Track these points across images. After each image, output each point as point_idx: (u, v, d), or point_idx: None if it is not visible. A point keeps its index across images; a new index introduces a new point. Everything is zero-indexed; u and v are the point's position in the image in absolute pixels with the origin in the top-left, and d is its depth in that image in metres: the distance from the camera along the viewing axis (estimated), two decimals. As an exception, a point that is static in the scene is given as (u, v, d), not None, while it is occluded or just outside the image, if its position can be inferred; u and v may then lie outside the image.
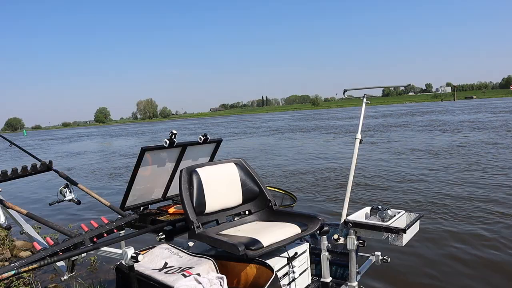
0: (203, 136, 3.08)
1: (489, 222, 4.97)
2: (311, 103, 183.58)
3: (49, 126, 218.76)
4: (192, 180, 2.46)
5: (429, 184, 7.34)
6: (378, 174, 8.64)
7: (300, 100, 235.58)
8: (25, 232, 2.81)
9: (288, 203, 3.63)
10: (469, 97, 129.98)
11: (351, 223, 2.44)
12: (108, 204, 2.55)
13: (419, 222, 2.55)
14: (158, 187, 3.15)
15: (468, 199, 6.12)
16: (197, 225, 2.34)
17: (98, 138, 39.83)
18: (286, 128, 31.15)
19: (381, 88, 5.88)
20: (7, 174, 2.70)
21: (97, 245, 2.14)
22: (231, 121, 65.30)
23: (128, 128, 74.24)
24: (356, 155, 2.74)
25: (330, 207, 6.31)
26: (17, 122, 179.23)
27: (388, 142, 14.93)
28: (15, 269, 1.68)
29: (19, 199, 9.04)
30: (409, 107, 64.27)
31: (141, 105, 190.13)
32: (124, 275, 2.13)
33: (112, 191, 9.46)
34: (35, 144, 36.74)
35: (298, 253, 2.38)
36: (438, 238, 4.59)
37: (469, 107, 44.92)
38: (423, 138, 15.44)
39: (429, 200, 6.26)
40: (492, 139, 13.36)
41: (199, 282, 1.84)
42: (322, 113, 66.74)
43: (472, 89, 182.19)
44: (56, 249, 2.00)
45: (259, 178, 2.79)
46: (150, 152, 2.78)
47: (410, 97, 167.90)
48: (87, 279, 3.99)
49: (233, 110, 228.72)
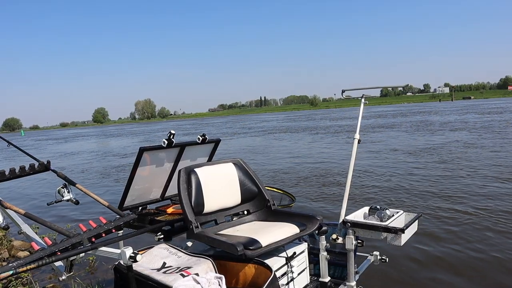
0: (201, 136, 3.08)
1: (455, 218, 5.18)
2: (309, 103, 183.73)
3: (47, 126, 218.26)
4: (191, 180, 2.46)
5: (399, 181, 7.78)
6: (355, 174, 8.91)
7: (299, 100, 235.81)
8: (23, 232, 2.80)
9: (287, 203, 3.64)
10: (467, 98, 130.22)
11: (350, 223, 2.45)
12: (106, 204, 2.54)
13: (417, 222, 2.55)
14: (157, 187, 3.14)
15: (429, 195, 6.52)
16: (196, 225, 2.34)
17: (93, 139, 39.76)
18: (277, 128, 31.26)
19: (379, 89, 5.88)
20: (5, 174, 2.69)
21: (95, 245, 2.14)
22: (226, 121, 65.43)
23: (124, 128, 74.21)
24: (355, 155, 2.75)
25: (312, 206, 6.46)
26: (15, 122, 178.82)
27: (372, 143, 15.05)
28: (13, 269, 1.67)
29: (17, 199, 9.01)
30: (404, 108, 64.60)
31: (139, 105, 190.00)
32: (123, 275, 2.12)
33: (104, 188, 9.47)
34: (30, 144, 36.65)
35: (297, 253, 2.38)
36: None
37: (461, 108, 45.21)
38: (405, 139, 15.72)
39: (398, 196, 6.60)
40: (469, 140, 13.68)
41: (198, 282, 1.84)
42: (317, 114, 66.97)
43: (470, 90, 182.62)
44: (54, 249, 1.99)
45: (258, 178, 2.79)
46: (148, 152, 2.78)
47: (408, 98, 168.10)
48: (85, 279, 3.99)
49: (232, 110, 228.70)
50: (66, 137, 47.81)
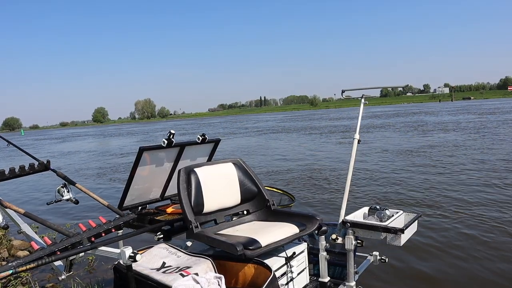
0: (201, 136, 3.08)
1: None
2: (309, 103, 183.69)
3: (47, 126, 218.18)
4: (190, 180, 2.46)
5: (383, 180, 7.97)
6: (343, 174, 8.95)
7: (299, 100, 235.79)
8: (23, 231, 2.81)
9: (287, 203, 3.64)
10: (466, 98, 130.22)
11: (349, 223, 2.45)
12: (106, 203, 2.55)
13: (417, 222, 2.55)
14: (156, 187, 3.14)
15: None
16: (195, 225, 2.34)
17: (91, 138, 39.69)
18: (274, 128, 31.25)
19: (379, 89, 5.87)
20: (4, 174, 2.70)
21: (95, 245, 2.14)
22: (224, 121, 65.49)
23: (122, 128, 74.33)
24: (355, 155, 2.74)
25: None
26: (15, 122, 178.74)
27: (364, 143, 15.03)
28: (13, 268, 1.67)
29: (17, 199, 9.01)
30: (401, 108, 64.75)
31: (139, 105, 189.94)
32: (122, 274, 2.12)
33: (103, 188, 9.47)
34: (28, 143, 36.62)
35: (296, 253, 2.38)
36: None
37: (458, 108, 45.25)
38: (396, 139, 15.79)
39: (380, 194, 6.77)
40: (458, 140, 13.76)
41: (197, 282, 1.84)
42: (315, 114, 67.07)
43: (470, 90, 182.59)
44: (54, 249, 2.00)
45: (257, 178, 2.79)
46: (148, 151, 2.77)
47: (408, 98, 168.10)
48: (85, 278, 3.98)
49: (231, 110, 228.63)
50: (64, 137, 47.78)
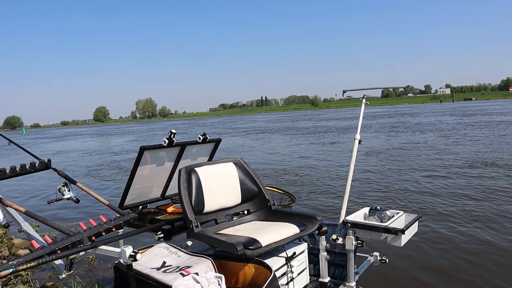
0: (202, 135, 3.08)
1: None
2: (310, 103, 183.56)
3: (48, 125, 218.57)
4: (191, 180, 2.46)
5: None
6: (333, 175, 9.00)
7: (300, 100, 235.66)
8: (23, 230, 2.81)
9: (287, 203, 3.64)
10: (468, 99, 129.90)
11: (350, 223, 2.44)
12: (106, 203, 2.55)
13: (417, 223, 2.55)
14: (157, 186, 3.15)
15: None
16: (196, 224, 2.34)
17: (88, 137, 39.65)
18: (268, 129, 31.18)
19: (380, 89, 5.87)
20: (5, 172, 2.70)
21: (95, 244, 2.14)
22: (221, 121, 65.52)
23: (120, 127, 74.45)
24: (355, 155, 2.74)
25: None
26: (16, 121, 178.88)
27: (344, 143, 15.08)
28: (13, 267, 1.68)
29: (18, 197, 9.02)
30: (396, 109, 64.45)
31: (140, 104, 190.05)
32: (122, 273, 2.13)
33: (104, 187, 9.48)
34: (27, 142, 36.65)
35: (297, 253, 2.38)
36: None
37: (453, 109, 45.07)
38: (374, 140, 15.71)
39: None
40: (433, 141, 13.79)
41: (197, 281, 1.84)
42: (314, 114, 66.99)
43: (471, 91, 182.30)
44: (55, 248, 2.00)
45: (258, 178, 2.79)
46: (149, 151, 2.78)
47: (409, 98, 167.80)
48: (85, 277, 3.98)
49: (232, 110, 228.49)
50: (64, 136, 47.76)
